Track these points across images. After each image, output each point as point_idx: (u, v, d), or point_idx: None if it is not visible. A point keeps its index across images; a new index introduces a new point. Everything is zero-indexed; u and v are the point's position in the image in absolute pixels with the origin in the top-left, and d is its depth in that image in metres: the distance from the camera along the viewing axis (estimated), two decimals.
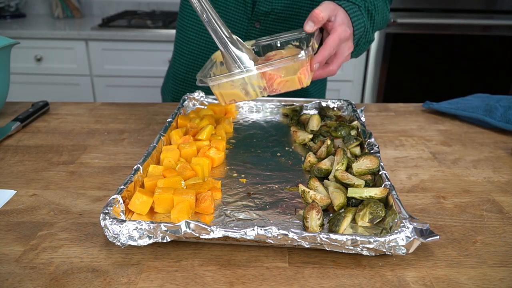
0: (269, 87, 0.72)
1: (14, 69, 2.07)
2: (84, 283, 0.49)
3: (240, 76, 0.70)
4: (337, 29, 0.74)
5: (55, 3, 2.54)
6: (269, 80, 0.71)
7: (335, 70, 0.77)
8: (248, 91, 0.72)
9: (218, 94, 0.73)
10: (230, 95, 0.73)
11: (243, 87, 0.72)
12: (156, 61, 2.21)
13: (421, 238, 0.50)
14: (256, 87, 0.72)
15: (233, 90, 0.72)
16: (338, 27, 0.74)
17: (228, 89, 0.72)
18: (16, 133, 0.90)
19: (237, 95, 0.73)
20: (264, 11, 0.98)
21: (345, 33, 0.74)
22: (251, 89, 0.72)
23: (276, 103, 0.99)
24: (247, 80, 0.71)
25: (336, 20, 0.75)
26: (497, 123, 0.91)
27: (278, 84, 0.71)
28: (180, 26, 1.12)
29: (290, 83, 0.71)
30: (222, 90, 0.72)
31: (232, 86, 0.72)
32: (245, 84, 0.71)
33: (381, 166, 0.66)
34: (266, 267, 0.52)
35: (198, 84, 0.73)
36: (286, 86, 0.72)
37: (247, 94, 0.73)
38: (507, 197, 0.68)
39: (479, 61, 2.27)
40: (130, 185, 0.61)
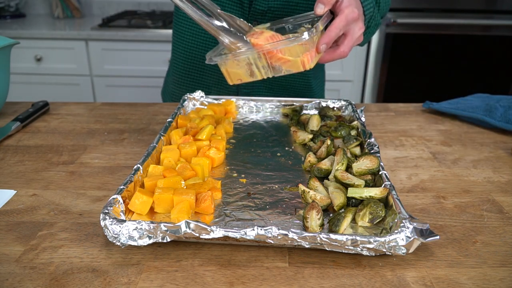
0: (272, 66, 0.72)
1: (14, 69, 2.07)
2: (84, 283, 0.49)
3: (244, 56, 0.71)
4: (344, 10, 0.73)
5: (55, 3, 2.54)
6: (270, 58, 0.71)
7: (346, 52, 0.75)
8: (253, 71, 0.73)
9: (225, 73, 0.75)
10: (236, 74, 0.75)
11: (248, 67, 0.72)
12: (156, 61, 2.21)
13: (421, 238, 0.50)
14: (261, 68, 0.72)
15: (239, 70, 0.73)
16: (345, 8, 0.73)
17: (234, 68, 0.73)
18: (16, 133, 0.90)
19: (243, 75, 0.74)
20: (261, 10, 0.98)
21: (352, 14, 0.73)
22: (256, 70, 0.73)
23: (276, 103, 0.99)
24: (251, 60, 0.71)
25: (343, 1, 0.73)
26: (497, 123, 0.91)
27: (278, 61, 0.71)
28: (176, 29, 1.11)
29: (292, 63, 0.71)
30: (229, 69, 0.74)
31: (238, 66, 0.73)
32: (250, 64, 0.72)
33: (381, 166, 0.66)
34: (266, 267, 0.52)
35: (206, 63, 0.74)
36: (287, 65, 0.71)
37: (252, 74, 0.74)
38: (507, 197, 0.68)
39: (479, 61, 2.27)
40: (130, 185, 0.61)
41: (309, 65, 0.71)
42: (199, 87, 1.12)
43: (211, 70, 1.09)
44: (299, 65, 0.71)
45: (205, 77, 1.11)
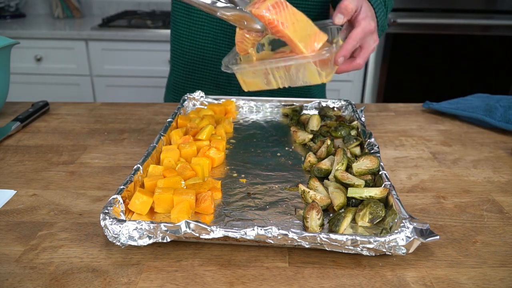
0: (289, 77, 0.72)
1: (14, 69, 2.07)
2: (84, 283, 0.49)
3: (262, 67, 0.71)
4: (361, 22, 0.73)
5: (55, 3, 2.54)
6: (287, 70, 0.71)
7: (361, 64, 0.76)
8: (269, 80, 0.74)
9: (240, 80, 0.76)
10: (252, 83, 0.75)
11: (265, 76, 0.73)
12: (156, 61, 2.21)
13: (421, 238, 0.50)
14: (278, 77, 0.73)
15: (255, 78, 0.74)
16: (361, 20, 0.73)
17: (250, 77, 0.74)
18: (16, 133, 0.90)
19: (258, 84, 0.75)
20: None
21: (369, 26, 0.73)
22: (273, 79, 0.73)
23: (276, 103, 0.99)
24: (269, 69, 0.71)
25: (360, 12, 0.73)
26: (497, 123, 0.91)
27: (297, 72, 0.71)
28: (174, 31, 1.11)
29: (310, 75, 0.71)
30: (245, 77, 0.74)
31: (254, 75, 0.73)
32: (267, 73, 0.72)
33: (381, 166, 0.66)
34: (266, 267, 0.52)
35: (222, 69, 0.74)
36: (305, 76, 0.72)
37: (268, 83, 0.74)
38: (507, 197, 0.68)
39: (479, 61, 2.27)
40: (130, 185, 0.61)
41: (327, 79, 0.72)
42: (198, 88, 1.12)
43: (209, 72, 1.09)
44: (317, 78, 0.72)
45: (203, 78, 1.11)
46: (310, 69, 0.71)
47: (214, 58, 1.07)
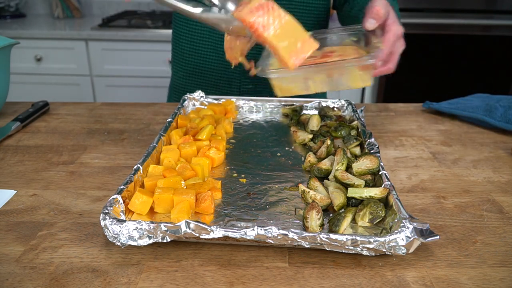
0: (331, 81, 0.72)
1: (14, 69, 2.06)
2: (84, 283, 0.49)
3: (302, 72, 0.70)
4: (391, 27, 0.74)
5: (55, 3, 2.54)
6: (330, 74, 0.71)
7: (392, 68, 0.77)
8: (308, 85, 0.73)
9: (275, 85, 0.73)
10: (288, 89, 0.73)
11: (304, 81, 0.72)
12: (156, 61, 2.21)
13: (421, 238, 0.50)
14: (318, 82, 0.72)
15: (293, 83, 0.72)
16: (391, 25, 0.74)
17: (288, 81, 0.72)
18: (16, 133, 0.90)
19: (296, 89, 0.73)
20: None
21: (399, 31, 0.75)
22: (312, 84, 0.72)
23: (276, 103, 0.99)
24: (310, 74, 0.70)
25: (389, 17, 0.75)
26: (497, 123, 0.91)
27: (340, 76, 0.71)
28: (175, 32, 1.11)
29: (352, 80, 0.72)
30: (283, 82, 0.72)
31: (294, 80, 0.72)
32: (307, 78, 0.71)
33: (381, 166, 0.66)
34: (266, 267, 0.52)
35: (258, 75, 0.72)
36: (347, 81, 0.72)
37: (307, 88, 0.73)
38: (507, 197, 0.68)
39: (479, 61, 2.27)
40: (130, 185, 0.61)
41: (368, 83, 0.73)
42: (198, 88, 1.12)
43: (209, 75, 1.09)
44: (359, 83, 0.72)
45: (204, 82, 1.11)
46: (353, 74, 0.72)
47: (214, 62, 1.07)
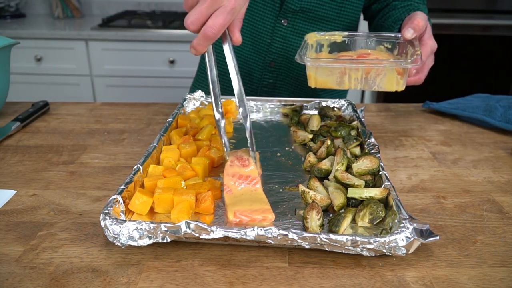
0: (365, 80, 0.73)
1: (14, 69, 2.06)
2: (84, 283, 0.49)
3: (340, 65, 0.72)
4: (428, 42, 0.78)
5: (55, 3, 2.54)
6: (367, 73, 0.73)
7: (422, 79, 0.81)
8: (343, 80, 0.74)
9: (311, 76, 0.75)
10: (323, 82, 0.75)
11: (340, 75, 0.73)
12: (156, 61, 2.21)
13: (421, 239, 0.50)
14: (353, 79, 0.73)
15: (329, 77, 0.74)
16: (428, 40, 0.78)
17: (324, 74, 0.74)
18: (16, 133, 0.90)
19: (330, 83, 0.74)
20: (293, 8, 0.99)
21: (434, 46, 0.79)
22: (347, 79, 0.74)
23: (276, 103, 0.99)
24: (347, 70, 0.72)
25: (426, 31, 0.78)
26: (497, 123, 0.91)
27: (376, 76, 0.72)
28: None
29: (387, 82, 0.73)
30: (319, 74, 0.74)
31: (330, 72, 0.73)
32: (344, 73, 0.72)
33: (381, 166, 0.66)
34: (266, 267, 0.52)
35: (296, 60, 0.74)
36: (382, 82, 0.74)
37: (341, 83, 0.74)
38: (507, 197, 0.68)
39: (479, 61, 2.27)
40: (130, 185, 0.61)
41: (402, 87, 0.75)
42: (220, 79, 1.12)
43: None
44: (393, 85, 0.74)
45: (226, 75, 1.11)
46: (390, 76, 0.73)
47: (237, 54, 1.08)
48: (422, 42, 0.78)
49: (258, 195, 0.62)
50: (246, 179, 0.64)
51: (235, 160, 0.66)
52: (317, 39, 0.83)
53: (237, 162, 0.66)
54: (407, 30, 0.75)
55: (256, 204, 0.59)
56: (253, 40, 1.05)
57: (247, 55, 1.07)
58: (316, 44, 0.83)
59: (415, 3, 0.95)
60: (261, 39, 1.04)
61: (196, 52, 0.61)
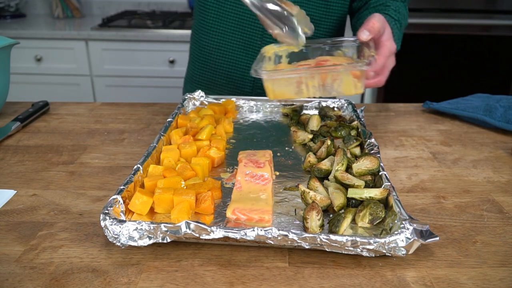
0: (323, 87, 0.73)
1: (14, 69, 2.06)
2: (84, 283, 0.49)
3: (296, 75, 0.71)
4: (386, 43, 0.77)
5: (55, 3, 2.54)
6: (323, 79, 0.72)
7: (383, 81, 0.80)
8: (301, 89, 0.74)
9: (268, 88, 0.74)
10: (281, 93, 0.74)
11: (297, 85, 0.73)
12: (156, 61, 2.21)
13: (421, 240, 0.50)
14: (311, 87, 0.73)
15: (286, 87, 0.73)
16: (387, 41, 0.78)
17: (281, 85, 0.73)
18: (16, 133, 0.90)
19: (288, 93, 0.74)
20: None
21: (393, 47, 0.79)
22: (305, 88, 0.73)
23: (276, 103, 0.99)
24: (303, 78, 0.72)
25: (384, 33, 0.78)
26: (497, 123, 0.91)
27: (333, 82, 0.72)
28: (194, 27, 1.13)
29: (345, 86, 0.73)
30: (276, 86, 0.73)
31: (287, 83, 0.73)
32: (300, 82, 0.72)
33: (381, 166, 0.66)
34: (266, 267, 0.52)
35: (252, 75, 0.73)
36: (340, 87, 0.73)
37: (299, 93, 0.74)
38: (507, 197, 0.68)
39: (479, 61, 2.27)
40: (130, 185, 0.61)
41: (360, 90, 0.74)
42: (213, 80, 1.12)
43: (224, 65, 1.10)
44: (351, 89, 0.74)
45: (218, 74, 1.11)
46: (347, 80, 0.73)
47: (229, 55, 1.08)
48: (380, 44, 0.77)
49: (264, 196, 0.62)
50: (258, 178, 0.65)
51: (249, 163, 0.67)
52: (274, 51, 0.83)
53: (251, 164, 0.67)
54: (362, 32, 0.74)
55: (258, 204, 0.60)
56: (243, 43, 1.05)
57: (238, 58, 1.07)
58: (274, 56, 0.83)
59: (388, 1, 0.95)
60: (252, 41, 1.04)
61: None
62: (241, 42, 1.05)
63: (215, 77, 1.12)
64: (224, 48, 1.07)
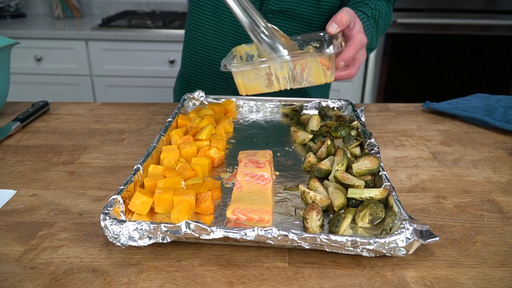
0: (293, 78, 0.73)
1: (14, 69, 2.07)
2: (84, 283, 0.49)
3: (265, 65, 0.71)
4: (357, 36, 0.79)
5: (55, 3, 2.54)
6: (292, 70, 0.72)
7: (354, 73, 0.81)
8: (271, 81, 0.73)
9: (239, 82, 0.74)
10: (252, 87, 0.74)
11: (267, 77, 0.72)
12: (156, 61, 2.21)
13: (421, 240, 0.50)
14: (281, 78, 0.73)
15: (256, 80, 0.73)
16: (357, 34, 0.79)
17: (251, 78, 0.73)
18: (16, 133, 0.90)
19: (259, 86, 0.74)
20: (272, 9, 0.99)
21: (364, 40, 0.80)
22: (275, 80, 0.73)
23: (276, 103, 0.99)
24: (272, 70, 0.71)
25: (355, 27, 0.80)
26: (497, 123, 0.91)
27: (302, 71, 0.72)
28: (188, 27, 1.13)
29: (315, 75, 0.73)
30: (246, 80, 0.73)
31: (257, 76, 0.72)
32: (270, 74, 0.72)
33: (381, 166, 0.66)
34: (266, 267, 0.52)
35: (221, 69, 0.73)
36: (310, 76, 0.73)
37: (269, 85, 0.74)
38: (507, 197, 0.68)
39: (479, 61, 2.27)
40: (130, 185, 0.61)
41: (330, 79, 0.75)
42: (206, 80, 1.12)
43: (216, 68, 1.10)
44: (321, 78, 0.74)
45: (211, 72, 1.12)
46: (316, 69, 0.72)
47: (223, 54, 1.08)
48: (351, 36, 0.79)
49: (264, 195, 0.62)
50: (258, 178, 0.65)
51: (249, 163, 0.67)
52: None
53: (251, 164, 0.67)
54: (331, 25, 0.76)
55: (259, 204, 0.60)
56: (235, 42, 1.05)
57: None
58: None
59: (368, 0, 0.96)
60: (244, 41, 1.04)
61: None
62: (236, 42, 1.05)
63: (210, 77, 1.12)
64: (219, 48, 1.07)
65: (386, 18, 0.99)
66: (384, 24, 0.99)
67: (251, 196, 0.62)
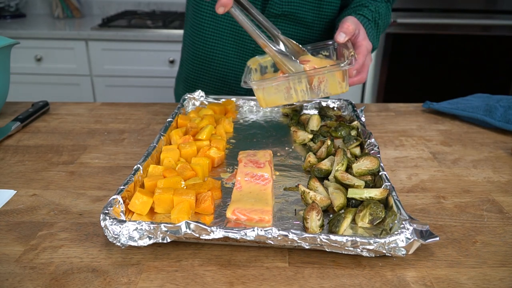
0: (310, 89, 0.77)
1: (14, 69, 2.06)
2: (84, 283, 0.49)
3: (285, 81, 0.76)
4: (363, 43, 0.83)
5: (55, 3, 2.54)
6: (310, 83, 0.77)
7: (364, 78, 0.85)
8: (291, 95, 0.78)
9: (260, 97, 0.78)
10: (272, 100, 0.79)
11: (287, 91, 0.77)
12: (156, 61, 2.21)
13: (421, 240, 0.50)
14: (299, 91, 0.77)
15: (277, 94, 0.77)
16: (363, 41, 0.83)
17: (271, 93, 0.77)
18: (16, 133, 0.90)
19: (279, 100, 0.78)
20: (274, 13, 0.99)
21: (369, 46, 0.84)
22: (294, 93, 0.77)
23: None
24: (291, 84, 0.76)
25: (360, 34, 0.83)
26: (497, 123, 0.91)
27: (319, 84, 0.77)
28: (186, 30, 1.13)
29: (331, 87, 0.78)
30: (266, 94, 0.78)
31: (276, 90, 0.77)
32: (289, 88, 0.77)
33: (381, 166, 0.66)
34: (266, 267, 0.52)
35: (242, 86, 0.79)
36: (327, 88, 0.78)
37: (289, 98, 0.78)
38: (507, 197, 0.68)
39: (479, 61, 2.27)
40: (130, 185, 0.61)
41: (346, 89, 0.79)
42: (207, 82, 1.12)
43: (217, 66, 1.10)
44: (337, 89, 0.78)
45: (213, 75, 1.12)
46: (332, 81, 0.77)
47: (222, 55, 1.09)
48: (357, 44, 0.83)
49: (264, 196, 0.62)
50: (258, 178, 0.65)
51: (249, 163, 0.68)
52: (259, 63, 0.88)
53: (251, 164, 0.67)
54: (339, 34, 0.79)
55: (259, 204, 0.60)
56: (237, 46, 1.05)
57: (233, 61, 1.08)
58: (259, 68, 0.88)
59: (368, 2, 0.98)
60: (246, 44, 1.05)
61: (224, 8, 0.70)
62: (235, 45, 1.06)
63: (210, 80, 1.13)
64: (219, 51, 1.08)
65: (386, 19, 1.00)
66: (383, 25, 1.00)
67: (251, 196, 0.62)
